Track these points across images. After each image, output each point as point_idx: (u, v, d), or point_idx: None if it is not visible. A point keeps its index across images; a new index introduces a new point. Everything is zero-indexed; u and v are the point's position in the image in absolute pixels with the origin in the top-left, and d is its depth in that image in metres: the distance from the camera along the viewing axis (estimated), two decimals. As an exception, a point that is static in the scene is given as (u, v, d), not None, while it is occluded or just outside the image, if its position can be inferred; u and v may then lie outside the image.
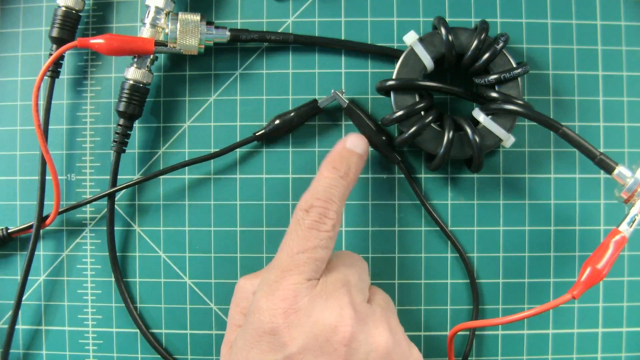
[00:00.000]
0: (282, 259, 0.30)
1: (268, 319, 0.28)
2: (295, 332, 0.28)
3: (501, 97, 0.34)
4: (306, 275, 0.29)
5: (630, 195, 0.31)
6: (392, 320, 0.31)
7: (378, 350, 0.28)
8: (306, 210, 0.30)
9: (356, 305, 0.29)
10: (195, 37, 0.35)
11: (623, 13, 0.38)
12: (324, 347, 0.27)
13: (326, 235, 0.30)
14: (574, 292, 0.30)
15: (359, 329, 0.28)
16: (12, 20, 0.39)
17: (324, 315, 0.28)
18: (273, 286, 0.29)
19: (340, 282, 0.30)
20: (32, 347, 0.38)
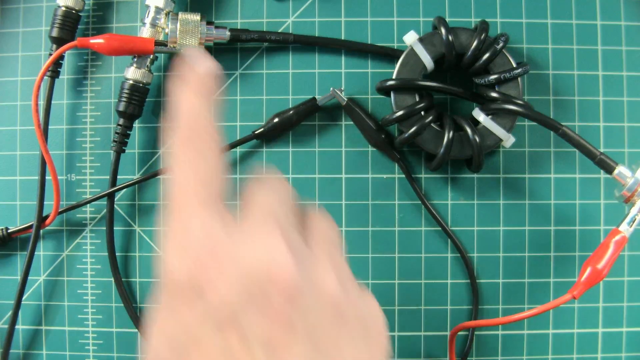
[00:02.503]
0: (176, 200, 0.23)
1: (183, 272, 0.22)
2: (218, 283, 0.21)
3: (501, 97, 0.34)
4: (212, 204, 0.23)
5: (630, 195, 0.31)
6: (340, 264, 0.25)
7: (325, 304, 0.23)
8: (181, 143, 0.25)
9: (292, 246, 0.23)
10: (195, 37, 0.35)
11: (623, 13, 0.38)
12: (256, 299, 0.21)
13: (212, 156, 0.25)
14: (574, 292, 0.30)
15: (300, 276, 0.22)
16: (12, 20, 0.39)
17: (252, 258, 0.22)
18: (178, 231, 0.23)
19: (268, 220, 0.24)
20: (32, 347, 0.38)
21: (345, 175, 0.38)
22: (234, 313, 0.21)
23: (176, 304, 0.21)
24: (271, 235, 0.23)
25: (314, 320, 0.22)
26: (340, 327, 0.23)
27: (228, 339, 0.21)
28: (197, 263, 0.21)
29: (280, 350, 0.21)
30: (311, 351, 0.21)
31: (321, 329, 0.22)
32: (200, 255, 0.22)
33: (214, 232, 0.22)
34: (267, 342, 0.21)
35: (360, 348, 0.23)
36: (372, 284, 0.38)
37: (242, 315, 0.21)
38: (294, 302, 0.21)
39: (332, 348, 0.22)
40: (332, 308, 0.23)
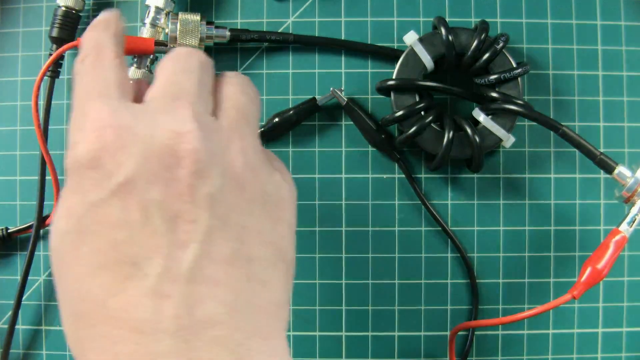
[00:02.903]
0: (78, 97, 0.23)
1: (84, 149, 0.21)
2: (121, 156, 0.21)
3: (501, 97, 0.34)
4: (114, 94, 0.23)
5: (630, 195, 0.31)
6: (248, 138, 0.24)
7: (230, 177, 0.22)
8: (81, 61, 0.25)
9: (198, 116, 0.23)
10: (195, 37, 0.35)
11: (623, 13, 0.38)
12: (159, 171, 0.21)
13: (112, 62, 0.24)
14: (574, 292, 0.30)
15: (204, 149, 0.22)
16: (12, 20, 0.39)
17: (156, 130, 0.22)
18: (80, 117, 0.23)
19: (172, 92, 0.23)
20: (32, 347, 0.38)
21: (345, 175, 0.38)
22: (134, 183, 0.21)
23: (80, 181, 0.21)
24: (178, 109, 0.22)
25: (217, 194, 0.22)
26: (244, 202, 0.23)
27: (128, 208, 0.21)
28: (98, 139, 0.21)
29: (181, 220, 0.21)
30: (213, 221, 0.21)
31: (224, 202, 0.22)
32: (101, 133, 0.21)
33: (115, 110, 0.22)
34: (168, 212, 0.21)
35: (263, 221, 0.23)
36: (372, 284, 0.38)
37: (143, 186, 0.21)
38: (197, 174, 0.21)
39: (234, 220, 0.22)
40: (237, 183, 0.23)
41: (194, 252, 0.21)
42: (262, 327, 0.22)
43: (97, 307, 0.20)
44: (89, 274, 0.21)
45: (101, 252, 0.21)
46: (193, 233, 0.21)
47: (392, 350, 0.38)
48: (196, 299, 0.20)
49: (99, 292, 0.20)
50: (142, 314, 0.20)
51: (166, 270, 0.20)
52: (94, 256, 0.21)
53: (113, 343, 0.20)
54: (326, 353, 0.38)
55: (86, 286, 0.21)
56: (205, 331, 0.20)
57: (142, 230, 0.21)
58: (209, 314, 0.20)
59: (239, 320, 0.21)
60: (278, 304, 0.23)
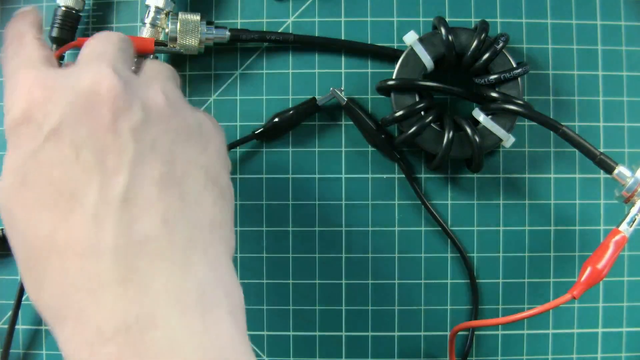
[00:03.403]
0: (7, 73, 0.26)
1: (16, 109, 0.24)
2: (49, 107, 0.23)
3: (501, 97, 0.34)
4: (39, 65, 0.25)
5: (630, 195, 0.31)
6: (168, 84, 0.27)
7: (152, 112, 0.25)
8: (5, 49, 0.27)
9: (118, 70, 0.25)
10: (195, 37, 0.35)
11: (623, 13, 0.38)
12: (84, 113, 0.23)
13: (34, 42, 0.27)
14: (574, 292, 0.30)
15: (123, 87, 0.24)
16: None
17: (78, 81, 0.24)
18: (11, 85, 0.25)
19: (93, 56, 0.26)
20: (32, 347, 0.38)
21: (345, 175, 0.38)
22: (62, 127, 0.23)
23: (17, 138, 0.24)
24: (98, 63, 0.25)
25: (140, 125, 0.24)
26: (169, 132, 0.25)
27: (60, 149, 0.23)
28: (27, 97, 0.24)
29: (109, 152, 0.23)
30: (139, 148, 0.24)
31: (148, 132, 0.24)
32: (29, 90, 0.24)
33: (41, 73, 0.25)
34: (96, 146, 0.23)
35: (189, 148, 0.25)
36: (372, 284, 0.38)
37: (71, 128, 0.23)
38: (119, 110, 0.23)
39: (160, 147, 0.24)
40: (159, 116, 0.25)
41: (124, 177, 0.23)
42: (200, 242, 0.24)
43: (46, 242, 0.22)
44: (35, 215, 0.23)
45: (42, 192, 0.23)
46: (121, 161, 0.23)
47: (392, 350, 0.38)
48: (132, 219, 0.22)
49: (45, 227, 0.22)
50: (84, 238, 0.22)
51: (101, 197, 0.22)
52: (36, 198, 0.23)
53: (62, 271, 0.22)
54: (326, 353, 0.38)
55: (34, 228, 0.22)
56: (143, 247, 0.22)
57: (75, 165, 0.23)
58: (145, 231, 0.22)
59: (176, 235, 0.23)
60: (214, 223, 0.25)
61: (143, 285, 0.21)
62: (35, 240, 0.22)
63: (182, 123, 0.26)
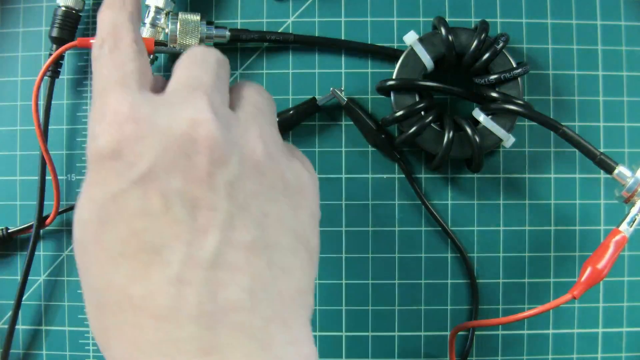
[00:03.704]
0: (97, 87, 0.24)
1: (104, 140, 0.22)
2: (141, 147, 0.21)
3: (501, 97, 0.34)
4: (133, 85, 0.23)
5: (630, 195, 0.31)
6: (266, 128, 0.25)
7: (248, 164, 0.23)
8: (100, 46, 0.25)
9: (215, 107, 0.23)
10: (195, 37, 0.35)
11: (623, 13, 0.38)
12: (179, 160, 0.21)
13: (130, 49, 0.24)
14: (574, 292, 0.30)
15: (222, 135, 0.22)
16: (12, 20, 0.39)
17: (174, 121, 0.22)
18: (101, 109, 0.23)
19: (189, 84, 0.24)
20: (32, 347, 0.38)
21: (345, 175, 0.38)
22: (154, 173, 0.21)
23: (101, 173, 0.22)
24: (195, 100, 0.23)
25: (235, 181, 0.22)
26: (264, 188, 0.23)
27: (149, 197, 0.21)
28: (118, 132, 0.22)
29: (201, 208, 0.21)
30: (233, 208, 0.22)
31: (243, 189, 0.22)
32: (121, 124, 0.22)
33: (135, 103, 0.22)
34: (188, 199, 0.21)
35: (283, 208, 0.24)
36: (372, 284, 0.38)
37: (163, 175, 0.21)
38: (216, 161, 0.22)
39: (254, 206, 0.22)
40: (256, 170, 0.23)
41: (215, 239, 0.21)
42: (283, 314, 0.22)
43: (120, 295, 0.21)
44: (111, 263, 0.21)
45: (123, 240, 0.21)
46: (213, 220, 0.21)
47: (392, 350, 0.38)
48: (218, 285, 0.21)
49: (121, 280, 0.21)
50: (164, 300, 0.20)
51: (187, 257, 0.20)
52: (115, 245, 0.21)
53: (136, 330, 0.20)
54: (326, 353, 0.38)
55: (109, 275, 0.21)
56: (226, 317, 0.20)
57: (163, 218, 0.21)
58: (230, 300, 0.21)
59: (259, 306, 0.21)
60: (300, 291, 0.23)
61: (223, 359, 0.20)
62: (108, 289, 0.21)
63: (278, 177, 0.24)
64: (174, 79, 0.25)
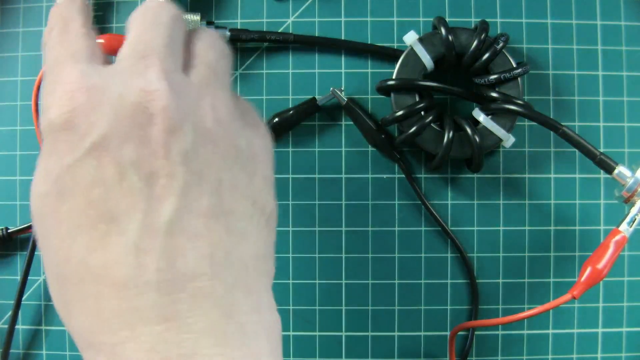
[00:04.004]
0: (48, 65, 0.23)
1: (56, 111, 0.21)
2: (93, 116, 0.21)
3: (501, 97, 0.34)
4: (83, 61, 0.23)
5: (630, 195, 0.31)
6: (219, 94, 0.24)
7: (201, 132, 0.22)
8: (49, 32, 0.25)
9: (168, 74, 0.22)
10: (195, 37, 0.35)
11: (623, 13, 0.38)
12: (132, 130, 0.21)
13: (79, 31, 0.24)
14: (574, 292, 0.30)
15: (175, 105, 0.22)
16: (12, 20, 0.39)
17: (126, 90, 0.22)
18: (52, 82, 0.23)
19: (141, 50, 0.23)
20: (32, 347, 0.38)
21: (345, 175, 0.38)
22: (107, 142, 0.21)
23: (55, 144, 0.22)
24: (147, 68, 0.22)
25: (190, 150, 0.22)
26: (218, 156, 0.23)
27: (103, 167, 0.21)
28: (69, 102, 0.21)
29: (157, 176, 0.21)
30: (189, 176, 0.22)
31: (198, 157, 0.22)
32: (72, 95, 0.22)
33: (85, 72, 0.22)
34: (143, 169, 0.21)
35: (237, 175, 0.23)
36: (372, 284, 0.38)
37: (117, 145, 0.21)
38: (170, 131, 0.21)
39: (209, 174, 0.22)
40: (209, 138, 0.23)
41: (172, 206, 0.21)
42: (244, 280, 0.22)
43: (80, 266, 0.21)
44: (70, 234, 0.21)
45: (80, 211, 0.21)
46: (170, 188, 0.21)
47: (392, 350, 0.38)
48: (177, 252, 0.21)
49: (80, 250, 0.21)
50: (124, 269, 0.20)
51: (145, 225, 0.20)
52: (73, 216, 0.21)
53: (97, 299, 0.20)
54: (326, 353, 0.38)
55: (68, 247, 0.21)
56: (187, 283, 0.20)
57: (119, 187, 0.21)
58: (190, 267, 0.21)
59: (220, 273, 0.21)
60: (260, 256, 0.23)
61: (185, 326, 0.20)
62: (67, 261, 0.21)
63: (231, 145, 0.24)
64: (125, 42, 0.24)
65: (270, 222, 0.25)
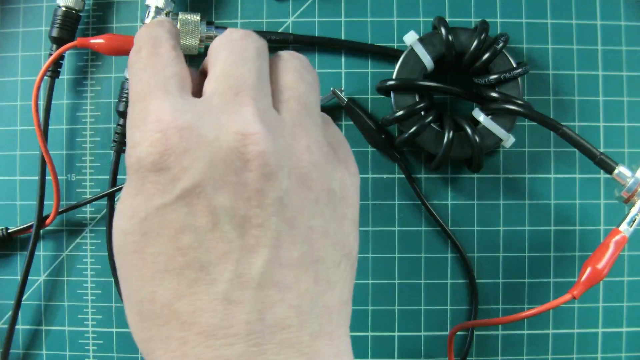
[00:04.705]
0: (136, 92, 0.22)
1: (146, 149, 0.21)
2: (186, 160, 0.20)
3: (501, 97, 0.34)
4: (174, 90, 0.22)
5: (630, 195, 0.31)
6: (313, 133, 0.23)
7: (296, 177, 0.22)
8: (137, 51, 0.24)
9: (262, 114, 0.22)
10: (195, 37, 0.35)
11: (623, 13, 0.38)
12: (226, 176, 0.21)
13: (169, 55, 0.23)
14: (574, 292, 0.30)
15: (272, 150, 0.21)
16: (12, 20, 0.39)
17: (221, 132, 0.21)
18: (141, 115, 0.22)
19: (232, 85, 0.22)
20: (32, 347, 0.38)
21: (345, 175, 0.38)
22: (201, 188, 0.20)
23: (143, 183, 0.21)
24: (242, 107, 0.22)
25: (284, 197, 0.21)
26: (310, 202, 0.22)
27: (195, 213, 0.20)
28: (161, 141, 0.21)
29: (250, 225, 0.21)
30: (281, 225, 0.21)
31: (291, 205, 0.22)
32: (165, 134, 0.21)
33: (177, 109, 0.21)
34: (237, 216, 0.21)
35: (328, 221, 0.23)
36: (372, 284, 0.38)
37: (211, 191, 0.20)
38: (265, 178, 0.21)
39: (301, 222, 0.22)
40: (303, 183, 0.22)
41: (264, 258, 0.21)
42: (328, 327, 0.22)
43: (165, 309, 0.20)
44: (155, 276, 0.21)
45: (167, 255, 0.21)
46: (262, 238, 0.21)
47: (392, 350, 0.38)
48: (266, 304, 0.20)
49: (166, 294, 0.20)
50: (213, 319, 0.20)
51: (236, 276, 0.20)
52: (159, 259, 0.21)
53: (182, 344, 0.20)
54: (326, 353, 0.38)
55: (152, 288, 0.21)
56: (275, 335, 0.20)
57: (210, 235, 0.20)
58: (278, 318, 0.21)
59: (306, 322, 0.21)
60: (343, 302, 0.23)
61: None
62: (152, 302, 0.21)
63: (324, 189, 0.23)
64: (214, 76, 0.23)
65: (354, 266, 0.24)
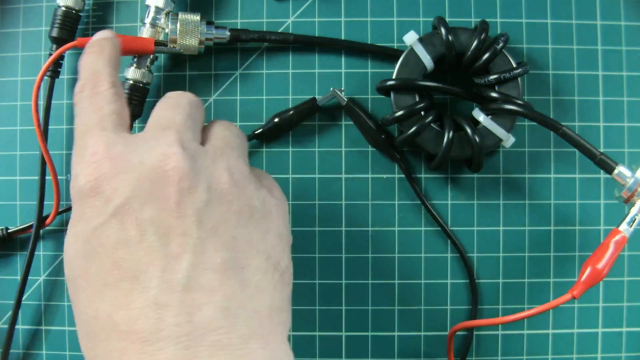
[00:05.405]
0: (79, 130, 0.26)
1: (83, 179, 0.24)
2: (116, 182, 0.23)
3: (501, 97, 0.34)
4: (110, 128, 0.25)
5: (630, 195, 0.31)
6: (232, 159, 0.26)
7: (216, 193, 0.24)
8: (80, 91, 0.27)
9: (185, 143, 0.25)
10: (195, 37, 0.35)
11: (623, 13, 0.38)
12: (151, 192, 0.23)
13: (108, 93, 0.26)
14: (574, 292, 0.30)
15: (189, 166, 0.24)
16: (12, 20, 0.39)
17: (146, 156, 0.24)
18: (81, 150, 0.25)
19: (162, 124, 0.26)
20: (32, 347, 0.38)
21: (345, 175, 0.38)
22: (129, 204, 0.23)
23: (83, 209, 0.24)
24: (166, 137, 0.25)
25: (204, 208, 0.24)
26: (232, 215, 0.25)
27: (125, 228, 0.23)
28: (95, 170, 0.24)
29: (173, 235, 0.23)
30: (202, 233, 0.23)
31: (212, 215, 0.24)
32: (98, 163, 0.24)
33: (110, 143, 0.24)
34: (160, 228, 0.23)
35: (251, 232, 0.25)
36: (372, 284, 0.38)
37: (137, 206, 0.23)
38: (184, 190, 0.23)
39: (223, 231, 0.24)
40: (223, 198, 0.25)
41: (187, 262, 0.23)
42: (260, 331, 0.23)
43: (106, 323, 0.22)
44: (97, 293, 0.23)
45: (106, 271, 0.23)
46: (185, 245, 0.23)
47: (392, 350, 0.38)
48: (194, 306, 0.22)
49: (107, 309, 0.22)
50: (146, 324, 0.21)
51: (163, 282, 0.22)
52: (99, 276, 0.23)
53: (122, 355, 0.21)
54: (326, 353, 0.38)
55: (96, 305, 0.22)
56: (205, 336, 0.22)
57: (139, 245, 0.23)
58: (207, 320, 0.22)
59: (236, 325, 0.22)
60: (274, 308, 0.24)
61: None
62: (96, 318, 0.22)
63: (245, 204, 0.25)
64: (149, 120, 0.27)
65: (285, 277, 0.26)
